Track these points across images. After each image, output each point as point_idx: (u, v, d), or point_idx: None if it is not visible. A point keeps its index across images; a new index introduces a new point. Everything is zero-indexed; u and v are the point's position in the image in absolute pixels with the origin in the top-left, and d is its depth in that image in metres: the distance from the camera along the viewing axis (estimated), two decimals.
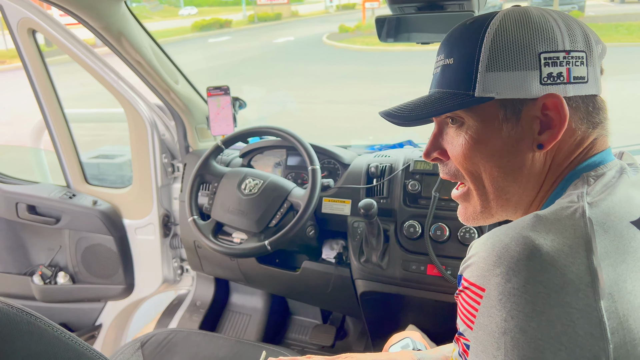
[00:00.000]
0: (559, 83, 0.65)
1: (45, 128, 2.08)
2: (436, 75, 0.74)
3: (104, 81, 1.89)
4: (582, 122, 0.68)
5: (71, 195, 2.06)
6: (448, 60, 0.71)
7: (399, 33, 1.31)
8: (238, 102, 1.94)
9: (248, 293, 2.26)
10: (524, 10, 0.68)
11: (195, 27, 18.06)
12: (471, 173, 0.73)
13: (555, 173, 0.69)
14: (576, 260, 0.54)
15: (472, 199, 0.76)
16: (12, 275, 2.18)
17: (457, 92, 0.69)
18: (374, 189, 1.62)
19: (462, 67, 0.69)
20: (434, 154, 0.77)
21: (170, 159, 2.09)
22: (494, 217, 0.76)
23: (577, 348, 0.52)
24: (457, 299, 0.63)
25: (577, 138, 0.68)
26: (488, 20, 0.68)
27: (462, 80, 0.69)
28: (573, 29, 0.67)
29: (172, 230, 2.17)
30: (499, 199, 0.73)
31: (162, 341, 1.45)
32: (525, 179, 0.70)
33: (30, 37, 1.87)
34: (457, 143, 0.72)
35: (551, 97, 0.65)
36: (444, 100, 0.70)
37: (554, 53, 0.65)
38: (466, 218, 0.78)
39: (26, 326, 0.64)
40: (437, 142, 0.76)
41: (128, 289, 2.15)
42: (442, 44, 0.74)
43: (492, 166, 0.70)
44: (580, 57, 0.66)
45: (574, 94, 0.66)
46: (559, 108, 0.64)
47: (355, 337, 2.08)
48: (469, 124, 0.70)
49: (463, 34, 0.70)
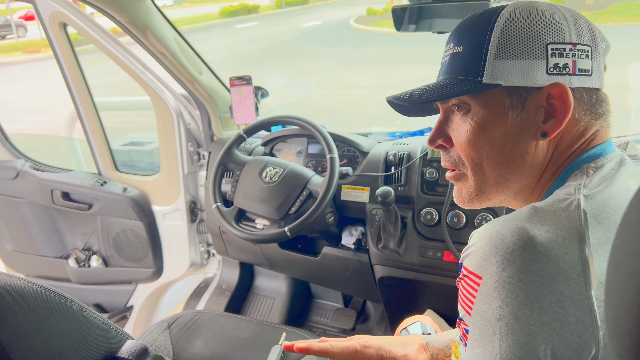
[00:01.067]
0: (565, 74, 0.67)
1: (77, 117, 2.17)
2: (444, 63, 0.76)
3: (132, 72, 1.95)
4: (586, 113, 0.69)
5: (102, 182, 2.15)
6: (457, 48, 0.73)
7: (416, 23, 1.33)
8: (260, 91, 1.99)
9: (272, 277, 2.32)
10: (532, 3, 0.70)
11: (223, 13, 18.14)
12: (473, 160, 0.74)
13: (557, 163, 0.71)
14: (569, 251, 0.57)
15: (467, 182, 0.77)
16: (49, 258, 2.29)
17: (465, 78, 0.71)
18: (392, 177, 1.65)
19: (471, 55, 0.71)
20: (438, 140, 0.79)
21: (196, 147, 2.16)
22: (491, 201, 0.77)
23: (567, 334, 0.54)
24: (458, 286, 0.66)
25: (580, 128, 0.70)
26: (498, 11, 0.70)
27: (470, 67, 0.71)
28: (580, 24, 0.68)
29: (199, 216, 2.24)
30: (498, 185, 0.74)
31: (188, 322, 1.52)
32: (527, 167, 0.72)
33: (62, 30, 1.94)
34: (463, 129, 0.74)
35: (556, 87, 0.66)
36: (451, 86, 0.72)
37: (561, 44, 0.67)
38: (461, 200, 0.80)
39: (58, 306, 0.70)
40: (442, 129, 0.78)
41: (157, 272, 2.24)
42: (452, 33, 0.76)
43: (496, 153, 0.72)
44: (586, 51, 0.67)
45: (578, 86, 0.68)
46: (564, 97, 0.66)
47: (376, 321, 2.13)
48: (475, 111, 0.72)
49: (473, 23, 0.72)
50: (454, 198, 0.82)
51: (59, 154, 2.80)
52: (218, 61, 1.98)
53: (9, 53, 14.73)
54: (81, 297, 2.31)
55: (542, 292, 0.55)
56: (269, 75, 9.04)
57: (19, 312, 0.65)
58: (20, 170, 2.16)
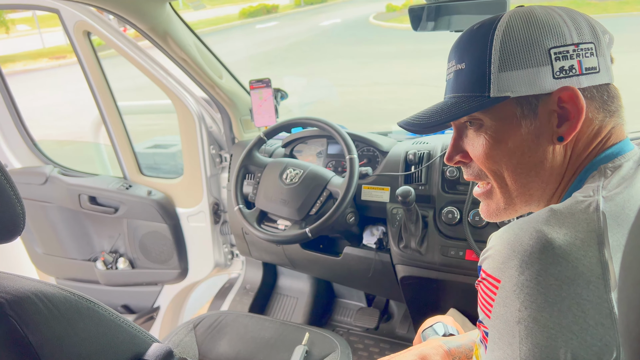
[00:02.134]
0: (572, 75, 0.66)
1: (102, 123, 2.22)
2: (449, 81, 0.76)
3: (154, 78, 1.99)
4: (599, 111, 0.69)
5: (127, 186, 2.20)
6: (460, 65, 0.73)
7: (433, 21, 1.32)
8: (280, 93, 2.00)
9: (295, 277, 2.34)
10: (528, 9, 0.70)
11: (243, 14, 18.26)
12: (494, 172, 0.74)
13: (575, 164, 0.71)
14: (588, 253, 0.56)
15: (495, 197, 0.77)
16: (78, 261, 2.36)
17: (472, 95, 0.71)
18: (412, 176, 1.65)
19: (475, 71, 0.70)
20: (456, 157, 0.79)
21: (218, 150, 2.19)
22: (517, 212, 0.77)
23: (588, 337, 0.54)
24: (477, 288, 0.66)
25: (595, 128, 0.69)
26: (495, 23, 0.70)
27: (476, 83, 0.70)
28: (578, 22, 0.68)
29: (222, 217, 2.28)
30: (522, 195, 0.74)
31: (213, 322, 1.55)
32: (547, 172, 0.71)
33: (86, 38, 1.99)
34: (478, 144, 0.74)
35: (565, 90, 0.66)
36: (460, 104, 0.72)
37: (563, 47, 0.66)
38: (489, 215, 0.80)
39: (87, 311, 0.73)
40: (458, 146, 0.78)
41: (183, 273, 2.28)
42: (452, 50, 0.76)
43: (515, 163, 0.72)
44: (590, 49, 0.67)
45: (587, 85, 0.67)
46: (575, 99, 0.66)
47: (399, 320, 2.13)
48: (487, 125, 0.72)
49: (471, 38, 0.72)
50: (481, 214, 0.82)
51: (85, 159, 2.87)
52: (238, 62, 2.01)
53: (36, 59, 15.11)
54: (109, 299, 2.37)
55: (561, 295, 0.55)
56: (289, 75, 9.07)
57: (49, 317, 0.67)
58: (49, 175, 2.22)
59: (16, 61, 14.77)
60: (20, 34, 19.89)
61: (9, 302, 0.65)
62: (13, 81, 2.28)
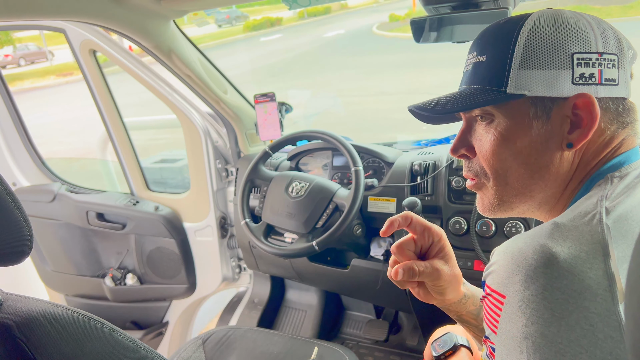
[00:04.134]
0: (591, 84, 0.66)
1: (108, 139, 2.24)
2: (467, 72, 0.75)
3: (160, 94, 2.01)
4: (612, 122, 0.68)
5: (135, 202, 2.21)
6: (480, 57, 0.72)
7: (435, 33, 1.32)
8: (284, 107, 2.01)
9: (303, 290, 2.34)
10: (557, 12, 0.69)
11: (247, 27, 18.42)
12: (496, 170, 0.73)
13: (582, 172, 0.70)
14: (593, 266, 0.55)
15: (487, 191, 0.76)
16: (87, 277, 2.36)
17: (488, 88, 0.70)
18: (418, 187, 1.64)
19: (495, 64, 0.70)
20: (461, 150, 0.78)
21: (224, 164, 2.20)
22: (514, 210, 0.76)
23: (597, 351, 0.53)
24: (482, 303, 0.65)
25: (606, 138, 0.68)
26: (523, 20, 0.69)
27: (494, 77, 0.70)
28: (606, 32, 0.67)
29: (229, 231, 2.28)
30: (522, 195, 0.73)
31: (222, 338, 1.55)
32: (552, 177, 0.71)
33: (92, 56, 2.02)
34: (486, 139, 0.73)
35: (582, 97, 0.65)
36: (475, 96, 0.71)
37: (587, 54, 0.66)
38: (483, 209, 0.79)
39: (94, 331, 0.73)
40: (465, 139, 0.77)
41: (191, 287, 2.28)
42: (475, 42, 0.75)
43: (520, 163, 0.71)
44: (612, 60, 0.66)
45: (604, 95, 0.66)
46: (590, 108, 0.65)
47: (409, 331, 2.11)
48: (498, 121, 0.71)
49: (497, 32, 0.71)
50: (477, 206, 0.81)
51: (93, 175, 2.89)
52: (243, 74, 2.02)
53: (44, 77, 15.31)
54: (118, 315, 2.37)
55: (568, 309, 0.54)
56: (294, 86, 9.12)
57: (58, 339, 0.68)
58: (57, 193, 2.24)
59: (24, 79, 14.97)
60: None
61: (17, 324, 0.65)
62: (21, 99, 2.31)
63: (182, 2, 1.44)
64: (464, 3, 1.25)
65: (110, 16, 1.45)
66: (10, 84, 2.31)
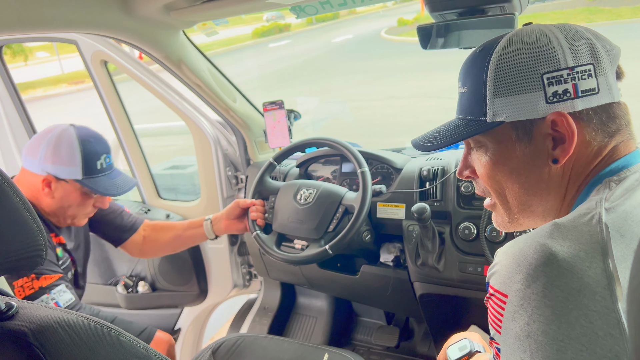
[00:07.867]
0: (566, 99, 0.67)
1: (119, 147, 2.27)
2: (458, 101, 0.79)
3: (170, 104, 2.04)
4: (597, 132, 0.69)
5: (146, 210, 2.23)
6: (463, 88, 0.76)
7: (443, 39, 1.33)
8: (293, 114, 2.03)
9: (313, 296, 2.34)
10: (527, 31, 0.70)
11: (256, 34, 18.53)
12: (496, 190, 0.78)
13: (577, 182, 0.72)
14: (593, 265, 0.57)
15: (499, 211, 0.81)
16: (99, 285, 2.38)
17: (472, 118, 0.74)
18: (427, 192, 1.64)
19: (473, 95, 0.73)
20: (465, 172, 0.83)
21: (234, 172, 2.21)
22: (522, 226, 0.80)
23: (597, 348, 0.54)
24: (486, 304, 0.67)
25: (594, 149, 0.70)
26: (492, 48, 0.71)
27: (474, 107, 0.73)
28: (576, 44, 0.67)
29: (239, 238, 2.29)
30: (523, 212, 0.77)
31: (232, 346, 1.56)
32: (544, 192, 0.73)
33: (103, 67, 2.05)
34: (480, 164, 0.77)
35: (556, 115, 0.67)
36: (460, 128, 0.76)
37: (557, 72, 0.67)
38: (498, 225, 0.84)
39: (107, 338, 0.74)
40: (468, 162, 0.83)
41: (202, 294, 2.30)
42: (460, 72, 0.78)
43: (513, 183, 0.74)
44: (587, 70, 0.67)
45: (583, 107, 0.67)
46: (566, 124, 0.67)
47: (420, 338, 2.11)
48: (487, 146, 0.75)
49: (472, 62, 0.75)
50: (493, 223, 0.85)
51: None
52: (251, 81, 2.04)
53: (56, 85, 15.50)
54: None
55: (567, 307, 0.56)
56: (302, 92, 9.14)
57: (72, 346, 0.69)
58: None
59: (36, 87, 15.18)
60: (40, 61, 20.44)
61: (32, 331, 0.66)
62: (33, 108, 2.34)
63: (192, 12, 1.46)
64: (471, 9, 1.25)
65: (121, 28, 1.48)
66: (22, 93, 2.35)
